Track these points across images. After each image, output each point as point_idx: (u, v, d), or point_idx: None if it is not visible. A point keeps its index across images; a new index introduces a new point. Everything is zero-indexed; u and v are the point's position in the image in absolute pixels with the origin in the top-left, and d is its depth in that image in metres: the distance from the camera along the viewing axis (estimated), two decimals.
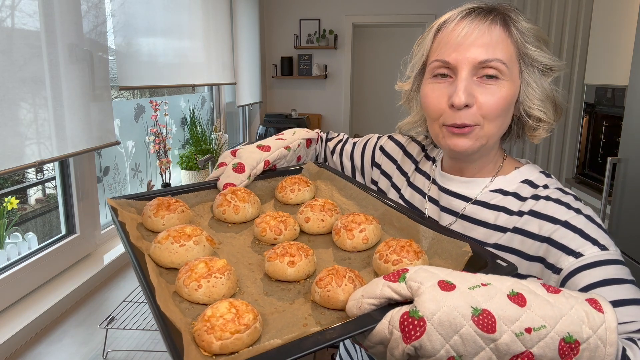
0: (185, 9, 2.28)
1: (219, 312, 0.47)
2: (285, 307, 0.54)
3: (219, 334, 0.45)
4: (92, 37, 1.43)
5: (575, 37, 3.60)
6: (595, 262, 0.60)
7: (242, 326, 0.46)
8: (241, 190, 0.76)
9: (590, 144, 2.82)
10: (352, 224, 0.67)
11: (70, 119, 1.33)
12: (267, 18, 4.07)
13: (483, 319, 0.42)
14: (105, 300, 1.35)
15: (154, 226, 0.69)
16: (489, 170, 0.77)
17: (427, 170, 0.86)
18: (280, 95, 4.21)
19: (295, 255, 0.59)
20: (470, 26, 0.68)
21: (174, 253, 0.60)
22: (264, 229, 0.68)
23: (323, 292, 0.53)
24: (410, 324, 0.43)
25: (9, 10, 1.11)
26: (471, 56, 0.67)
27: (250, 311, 0.48)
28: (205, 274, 0.54)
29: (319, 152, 1.05)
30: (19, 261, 1.28)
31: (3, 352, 1.06)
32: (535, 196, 0.71)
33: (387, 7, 3.92)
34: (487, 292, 0.44)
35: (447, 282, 0.45)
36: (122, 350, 1.09)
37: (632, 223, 2.05)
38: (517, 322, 0.42)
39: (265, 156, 0.87)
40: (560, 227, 0.65)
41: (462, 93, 0.67)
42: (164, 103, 2.21)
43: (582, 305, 0.45)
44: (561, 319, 0.43)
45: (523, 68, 0.70)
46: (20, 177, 1.64)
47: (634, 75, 2.05)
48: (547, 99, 0.72)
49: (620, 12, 2.51)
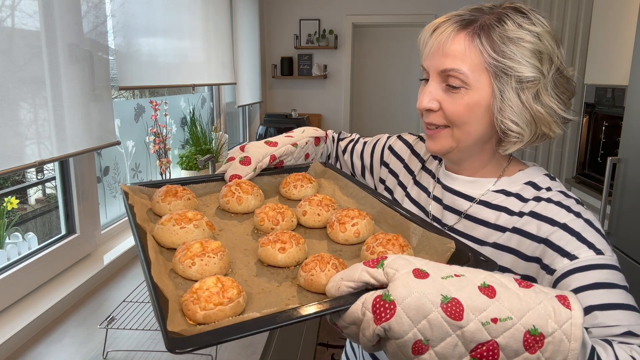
0: (185, 9, 2.28)
1: (205, 285, 0.51)
2: (271, 289, 0.57)
3: (203, 305, 0.49)
4: (92, 37, 1.43)
5: (575, 37, 3.60)
6: (589, 265, 0.61)
7: (226, 299, 0.50)
8: (245, 183, 0.80)
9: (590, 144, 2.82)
10: (346, 218, 0.70)
11: (70, 119, 1.33)
12: (267, 18, 4.07)
13: (451, 307, 0.44)
14: (105, 300, 1.35)
15: (161, 211, 0.74)
16: (492, 170, 0.78)
17: (433, 169, 0.88)
18: (280, 95, 4.21)
19: (287, 242, 0.63)
20: (437, 35, 0.72)
21: (174, 234, 0.64)
22: (262, 218, 0.72)
23: (307, 276, 0.56)
24: (382, 306, 0.45)
25: (9, 10, 1.11)
26: (435, 64, 0.72)
27: (235, 287, 0.52)
28: (199, 253, 0.58)
29: (331, 151, 1.07)
30: (19, 261, 1.28)
31: (3, 352, 1.06)
32: (537, 198, 0.71)
33: (387, 7, 3.92)
34: (458, 283, 0.46)
35: (421, 271, 0.47)
36: (122, 350, 1.09)
37: (632, 223, 2.05)
38: (485, 312, 0.44)
39: (272, 151, 0.90)
40: (558, 229, 0.66)
41: (425, 97, 0.72)
42: (164, 103, 2.21)
43: (551, 301, 0.46)
44: (528, 312, 0.45)
45: (492, 78, 0.69)
46: (20, 177, 1.64)
47: (634, 75, 2.05)
48: (522, 113, 0.70)
49: (620, 12, 2.51)
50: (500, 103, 0.70)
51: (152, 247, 0.60)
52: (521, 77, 0.68)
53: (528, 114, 0.70)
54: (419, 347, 0.45)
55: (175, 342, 0.43)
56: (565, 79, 0.73)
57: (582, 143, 2.89)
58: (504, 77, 0.69)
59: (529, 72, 0.68)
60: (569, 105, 0.74)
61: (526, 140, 0.72)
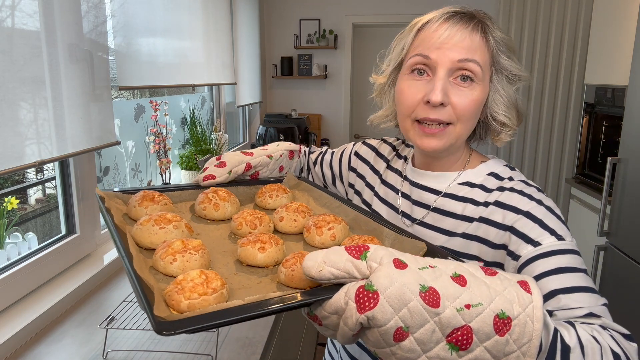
0: (185, 9, 2.28)
1: (190, 277, 0.52)
2: (252, 285, 0.59)
3: (187, 294, 0.50)
4: (92, 37, 1.43)
5: (575, 37, 3.60)
6: (552, 251, 0.65)
7: (210, 289, 0.51)
8: (222, 191, 0.81)
9: (590, 144, 2.82)
10: (322, 222, 0.72)
11: (70, 119, 1.33)
12: (267, 18, 4.07)
13: (429, 295, 0.47)
14: (105, 300, 1.35)
15: (138, 215, 0.73)
16: (456, 165, 0.82)
17: (399, 168, 0.91)
18: (280, 95, 4.21)
19: (267, 242, 0.64)
20: (453, 29, 0.72)
21: (153, 234, 0.65)
22: (240, 223, 0.73)
23: (288, 272, 0.57)
24: (365, 296, 0.47)
25: (9, 10, 1.11)
26: (451, 56, 0.71)
27: (219, 279, 0.53)
28: (180, 250, 0.59)
29: (303, 164, 1.11)
30: (19, 261, 1.28)
31: (3, 352, 1.06)
32: (501, 188, 0.75)
33: (387, 7, 3.92)
34: (433, 273, 0.49)
35: (401, 261, 0.49)
36: (122, 350, 1.09)
37: (632, 223, 2.05)
38: (458, 299, 0.47)
39: (248, 159, 0.93)
40: (522, 217, 0.69)
41: (440, 91, 0.70)
42: (164, 103, 2.21)
43: (514, 286, 0.50)
44: (496, 297, 0.48)
45: (494, 75, 0.75)
46: (20, 177, 1.64)
47: (634, 75, 2.05)
48: (511, 106, 0.77)
49: (620, 12, 2.51)
50: (495, 96, 0.76)
51: (132, 244, 0.60)
52: (512, 73, 0.76)
53: (514, 106, 0.78)
54: (400, 334, 0.47)
55: (163, 325, 0.44)
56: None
57: (582, 143, 2.89)
58: (501, 73, 0.76)
59: (517, 70, 0.76)
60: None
61: (512, 131, 0.79)
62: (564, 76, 3.63)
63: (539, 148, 3.82)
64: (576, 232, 2.83)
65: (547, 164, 3.84)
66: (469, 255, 0.75)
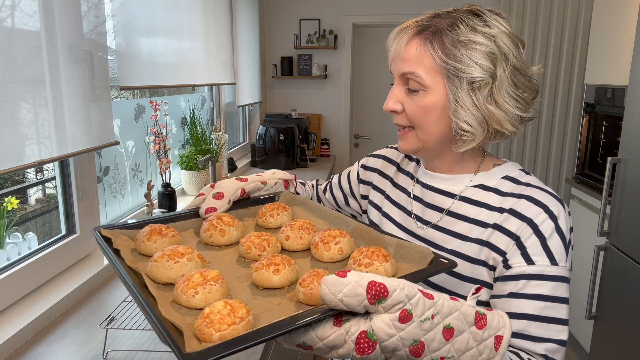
0: (185, 9, 2.28)
1: (216, 309, 0.54)
2: (272, 307, 0.61)
3: (217, 327, 0.52)
4: (92, 37, 1.43)
5: (575, 37, 3.59)
6: (540, 275, 0.70)
7: (237, 318, 0.53)
8: (226, 216, 0.83)
9: (590, 144, 2.82)
10: (329, 238, 0.75)
11: (70, 119, 1.33)
12: (267, 18, 4.07)
13: (417, 348, 0.54)
14: (105, 300, 1.35)
15: (147, 250, 0.75)
16: (468, 166, 0.82)
17: (411, 170, 0.92)
18: (280, 95, 4.21)
19: (280, 264, 0.66)
20: (397, 41, 0.77)
21: (169, 269, 0.67)
22: (249, 247, 0.75)
23: (306, 291, 0.60)
24: (366, 343, 0.52)
25: (9, 10, 1.11)
26: (396, 69, 0.78)
27: (244, 307, 0.55)
28: (201, 282, 0.61)
29: (312, 195, 1.13)
30: (19, 261, 1.28)
31: (3, 352, 1.06)
32: (518, 195, 0.75)
33: (387, 7, 3.92)
34: (430, 324, 0.54)
35: (408, 313, 0.53)
36: (122, 350, 1.09)
37: (632, 223, 2.05)
38: (438, 352, 0.55)
39: (242, 185, 0.94)
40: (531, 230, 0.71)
41: (389, 100, 0.79)
42: (164, 103, 2.21)
43: (490, 341, 0.59)
44: (466, 352, 0.57)
45: (446, 80, 0.73)
46: (20, 177, 1.64)
47: (634, 75, 2.05)
48: (475, 113, 0.73)
49: (620, 12, 2.51)
50: (454, 104, 0.73)
51: (150, 284, 0.62)
52: (473, 78, 0.71)
53: (479, 114, 0.73)
54: None
55: (192, 357, 0.46)
56: (526, 78, 0.76)
57: (582, 143, 2.89)
58: (456, 80, 0.72)
59: (479, 74, 0.71)
60: (530, 104, 0.77)
61: (478, 140, 0.75)
62: (564, 76, 3.63)
63: (539, 148, 3.82)
64: (576, 232, 2.83)
65: (547, 164, 3.84)
66: (479, 260, 0.76)
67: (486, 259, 0.75)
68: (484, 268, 0.75)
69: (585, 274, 2.60)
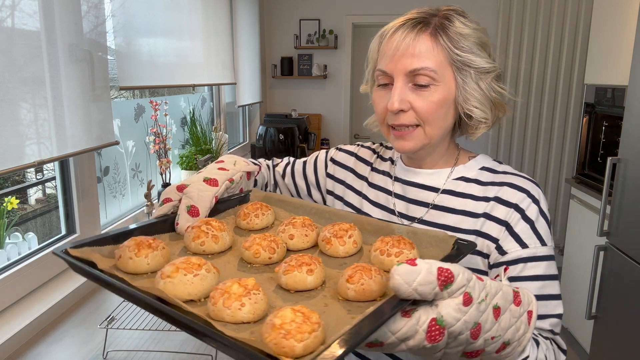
0: (185, 9, 2.28)
1: (287, 318, 0.48)
2: (322, 310, 0.56)
3: (298, 337, 0.46)
4: (92, 37, 1.43)
5: (575, 37, 3.59)
6: (534, 256, 0.74)
7: (315, 324, 0.48)
8: (214, 221, 0.75)
9: (590, 144, 2.82)
10: (341, 232, 0.73)
11: (70, 119, 1.33)
12: (267, 18, 4.07)
13: (476, 331, 0.56)
14: (105, 300, 1.35)
15: (137, 267, 0.64)
16: (446, 161, 0.85)
17: (386, 169, 0.93)
18: (280, 95, 4.21)
19: (311, 264, 0.62)
20: (399, 38, 0.76)
21: (189, 284, 0.58)
22: (257, 250, 0.69)
23: (357, 287, 0.57)
24: (437, 330, 0.53)
25: (9, 10, 1.11)
26: (402, 66, 0.75)
27: (313, 312, 0.50)
28: (244, 293, 0.54)
29: (268, 179, 1.06)
30: (19, 261, 1.28)
31: (3, 352, 1.06)
32: (500, 183, 0.79)
33: (387, 7, 3.92)
34: (485, 306, 0.56)
35: (470, 295, 0.54)
36: (122, 350, 1.09)
37: (632, 223, 2.05)
38: (489, 332, 0.57)
39: (215, 192, 0.84)
40: (519, 215, 0.75)
41: (396, 100, 0.75)
42: (164, 103, 2.21)
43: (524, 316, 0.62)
44: (510, 328, 0.59)
45: (455, 72, 0.76)
46: (20, 177, 1.64)
47: (634, 75, 2.05)
48: (484, 99, 0.78)
49: (620, 12, 2.51)
50: (464, 93, 0.77)
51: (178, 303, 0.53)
52: (479, 67, 0.76)
53: (488, 100, 0.78)
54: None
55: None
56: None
57: (582, 143, 2.89)
58: (465, 70, 0.76)
59: (485, 63, 0.77)
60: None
61: (490, 124, 0.80)
62: (564, 76, 3.63)
63: (539, 148, 3.82)
64: (576, 232, 2.83)
65: (547, 164, 3.84)
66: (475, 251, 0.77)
67: (480, 248, 0.77)
68: (479, 257, 0.77)
69: (585, 274, 2.60)
